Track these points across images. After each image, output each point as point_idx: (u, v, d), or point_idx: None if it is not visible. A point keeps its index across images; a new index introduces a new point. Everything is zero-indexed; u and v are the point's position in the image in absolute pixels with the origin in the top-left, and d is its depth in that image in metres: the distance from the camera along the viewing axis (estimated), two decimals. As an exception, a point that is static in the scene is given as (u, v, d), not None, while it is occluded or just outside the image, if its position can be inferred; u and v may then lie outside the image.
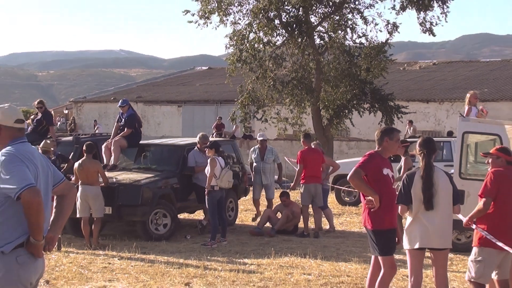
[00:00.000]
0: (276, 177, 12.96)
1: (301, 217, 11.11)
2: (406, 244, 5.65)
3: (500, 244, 5.52)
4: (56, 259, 8.82)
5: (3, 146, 3.80)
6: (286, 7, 19.37)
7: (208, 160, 9.98)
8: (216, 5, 19.29)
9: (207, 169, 9.98)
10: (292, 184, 11.69)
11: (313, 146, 11.45)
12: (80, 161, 10.04)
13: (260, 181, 12.19)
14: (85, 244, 9.95)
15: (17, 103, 51.75)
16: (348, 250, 9.58)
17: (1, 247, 3.68)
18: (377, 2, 19.64)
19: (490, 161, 6.01)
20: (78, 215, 9.77)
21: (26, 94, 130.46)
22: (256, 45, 19.35)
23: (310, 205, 11.03)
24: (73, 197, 4.13)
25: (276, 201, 12.44)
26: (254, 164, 12.25)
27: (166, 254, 9.39)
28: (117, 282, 7.79)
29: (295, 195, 13.30)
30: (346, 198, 15.17)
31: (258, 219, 11.73)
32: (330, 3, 19.49)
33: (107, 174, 10.38)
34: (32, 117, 16.15)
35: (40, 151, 9.20)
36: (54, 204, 3.96)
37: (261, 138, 12.44)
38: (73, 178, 9.83)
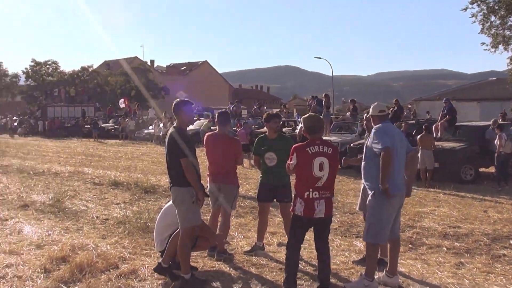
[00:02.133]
0: None
1: None
2: None
3: None
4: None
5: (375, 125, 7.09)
6: None
7: (497, 136, 17.29)
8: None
9: (496, 141, 17.28)
10: None
11: None
12: (419, 136, 17.68)
13: None
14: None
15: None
16: None
17: (375, 188, 6.87)
18: None
19: None
20: (419, 166, 16.98)
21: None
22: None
23: None
24: (416, 159, 7.99)
25: None
26: None
27: (471, 193, 15.49)
28: (442, 208, 12.83)
29: None
30: None
31: None
32: None
33: (437, 143, 18.49)
34: (391, 109, 27.59)
35: (401, 129, 18.15)
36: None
37: None
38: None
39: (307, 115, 7.15)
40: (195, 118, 40.35)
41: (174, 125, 7.31)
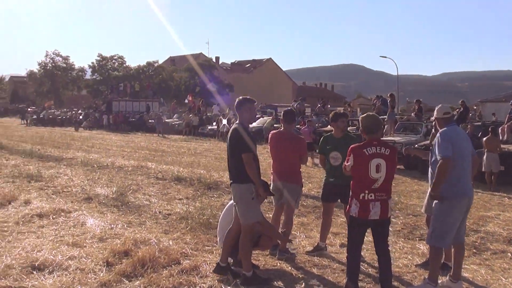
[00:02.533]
0: None
1: None
2: None
3: None
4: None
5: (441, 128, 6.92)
6: None
7: None
8: None
9: None
10: None
11: None
12: (485, 138, 17.34)
13: None
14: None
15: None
16: None
17: (442, 192, 6.70)
18: None
19: None
20: (484, 169, 16.68)
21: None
22: None
23: None
24: (477, 163, 7.52)
25: None
26: None
27: None
28: (507, 213, 12.55)
29: None
30: None
31: None
32: None
33: (503, 145, 17.95)
34: (456, 110, 26.96)
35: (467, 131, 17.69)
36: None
37: None
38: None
39: (365, 114, 7.01)
40: (257, 116, 40.43)
41: (237, 121, 7.30)
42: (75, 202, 12.40)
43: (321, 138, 8.92)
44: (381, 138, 7.19)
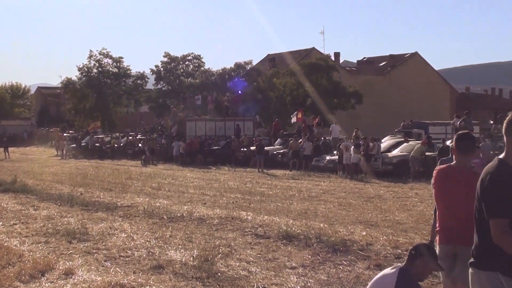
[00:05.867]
0: None
1: None
2: None
3: None
4: None
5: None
6: None
7: None
8: None
9: None
10: None
11: None
12: None
13: None
14: None
15: None
16: None
17: None
18: None
19: None
20: None
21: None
22: None
23: None
24: None
25: None
26: None
27: None
28: None
29: None
30: None
31: None
32: None
33: None
34: None
35: None
36: None
37: None
38: None
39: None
40: (394, 139, 39.90)
41: (500, 156, 6.29)
42: (139, 273, 12.46)
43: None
44: None
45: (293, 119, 55.10)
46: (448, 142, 32.20)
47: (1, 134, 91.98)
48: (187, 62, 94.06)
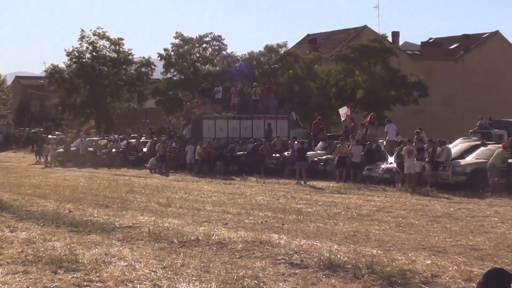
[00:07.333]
0: None
1: None
2: None
3: None
4: None
5: None
6: None
7: None
8: None
9: None
10: None
11: None
12: None
13: None
14: None
15: None
16: None
17: None
18: None
19: None
20: None
21: None
22: None
23: None
24: None
25: None
26: None
27: None
28: None
29: None
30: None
31: None
32: None
33: None
34: None
35: None
36: None
37: None
38: None
39: None
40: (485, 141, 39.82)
41: None
42: (142, 311, 12.54)
43: None
44: None
45: (343, 117, 55.02)
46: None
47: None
48: (204, 45, 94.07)
